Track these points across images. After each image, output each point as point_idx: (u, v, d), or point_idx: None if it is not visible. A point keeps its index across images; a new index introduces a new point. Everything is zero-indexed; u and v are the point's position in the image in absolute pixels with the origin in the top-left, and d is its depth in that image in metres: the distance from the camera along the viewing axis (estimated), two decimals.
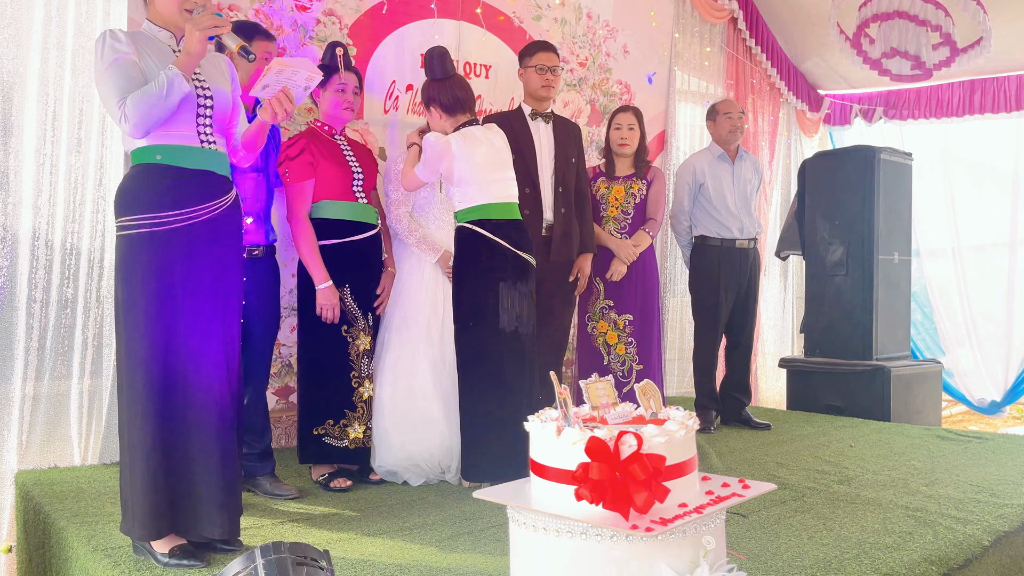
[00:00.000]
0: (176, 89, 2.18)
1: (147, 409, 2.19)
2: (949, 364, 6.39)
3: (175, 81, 2.17)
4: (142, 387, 2.19)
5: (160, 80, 2.16)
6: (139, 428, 2.19)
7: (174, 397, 2.22)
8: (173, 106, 2.19)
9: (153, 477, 2.19)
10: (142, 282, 2.20)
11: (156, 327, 2.20)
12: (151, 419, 2.19)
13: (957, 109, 6.25)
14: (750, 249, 4.45)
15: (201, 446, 2.24)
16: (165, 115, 2.19)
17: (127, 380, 2.22)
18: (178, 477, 2.23)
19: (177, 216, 2.22)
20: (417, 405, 3.17)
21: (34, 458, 3.19)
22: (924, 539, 2.43)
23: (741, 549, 2.32)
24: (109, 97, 2.19)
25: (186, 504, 2.24)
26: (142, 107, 2.15)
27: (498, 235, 3.07)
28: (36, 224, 3.18)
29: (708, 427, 4.32)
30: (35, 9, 3.14)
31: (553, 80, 3.71)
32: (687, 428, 1.76)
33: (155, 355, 2.20)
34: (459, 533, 2.53)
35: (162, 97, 2.16)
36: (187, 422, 2.23)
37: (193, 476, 2.24)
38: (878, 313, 5.10)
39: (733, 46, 5.91)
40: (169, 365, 2.22)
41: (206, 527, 2.25)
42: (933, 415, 5.26)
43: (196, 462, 2.24)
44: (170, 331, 2.21)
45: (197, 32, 2.19)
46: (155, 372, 2.20)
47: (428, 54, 3.16)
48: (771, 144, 6.28)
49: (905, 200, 5.37)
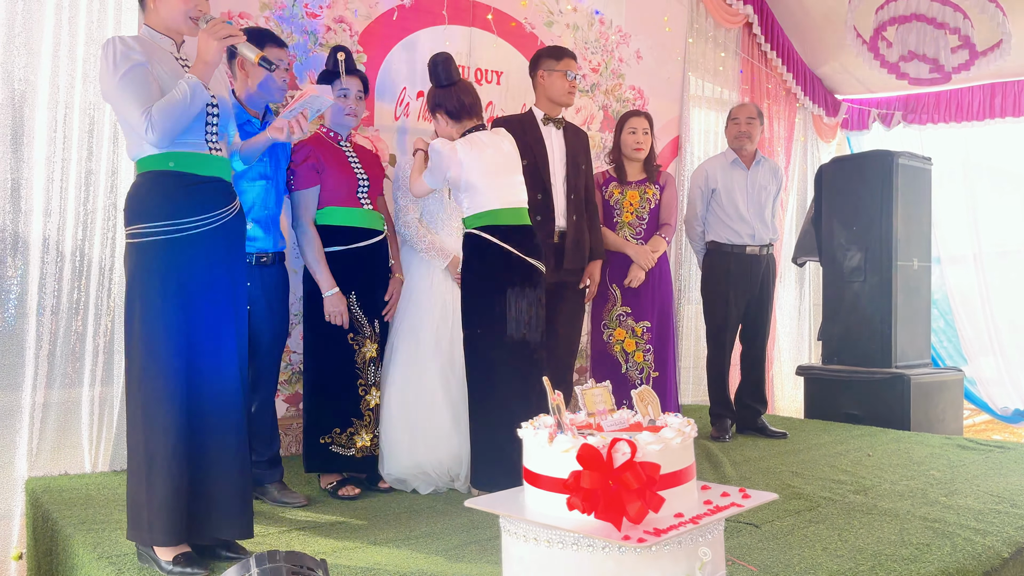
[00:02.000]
0: (198, 98, 2.18)
1: (171, 417, 2.18)
2: (972, 372, 6.28)
3: (196, 90, 2.17)
4: (165, 394, 2.18)
5: (182, 88, 2.16)
6: (161, 434, 2.17)
7: (195, 403, 2.22)
8: (194, 114, 2.20)
9: (176, 482, 2.18)
10: (160, 289, 2.19)
11: (177, 334, 2.19)
12: (174, 426, 2.18)
13: (978, 113, 6.15)
14: (763, 256, 4.39)
15: (220, 449, 2.25)
16: (187, 123, 2.19)
17: (146, 388, 2.20)
18: (199, 482, 2.22)
19: (195, 222, 2.22)
20: (426, 412, 3.14)
21: (45, 465, 3.20)
22: (942, 551, 2.37)
23: (753, 560, 2.27)
24: (130, 106, 2.15)
25: (205, 508, 2.24)
26: (170, 117, 2.14)
27: (507, 241, 3.04)
28: (47, 231, 3.19)
29: (723, 436, 4.26)
30: (46, 17, 3.16)
31: (575, 88, 3.71)
32: (684, 435, 1.72)
33: (178, 363, 2.19)
34: (466, 543, 2.50)
35: (187, 106, 2.16)
36: (207, 427, 2.23)
37: (213, 480, 2.24)
38: (897, 320, 5.02)
39: (748, 51, 5.87)
40: (192, 372, 2.21)
41: (224, 529, 2.26)
42: (954, 424, 5.16)
43: (215, 466, 2.24)
44: (189, 338, 2.21)
45: (215, 41, 2.19)
46: (179, 379, 2.19)
47: (432, 60, 3.15)
48: (787, 149, 6.22)
49: (924, 205, 5.30)
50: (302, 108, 2.39)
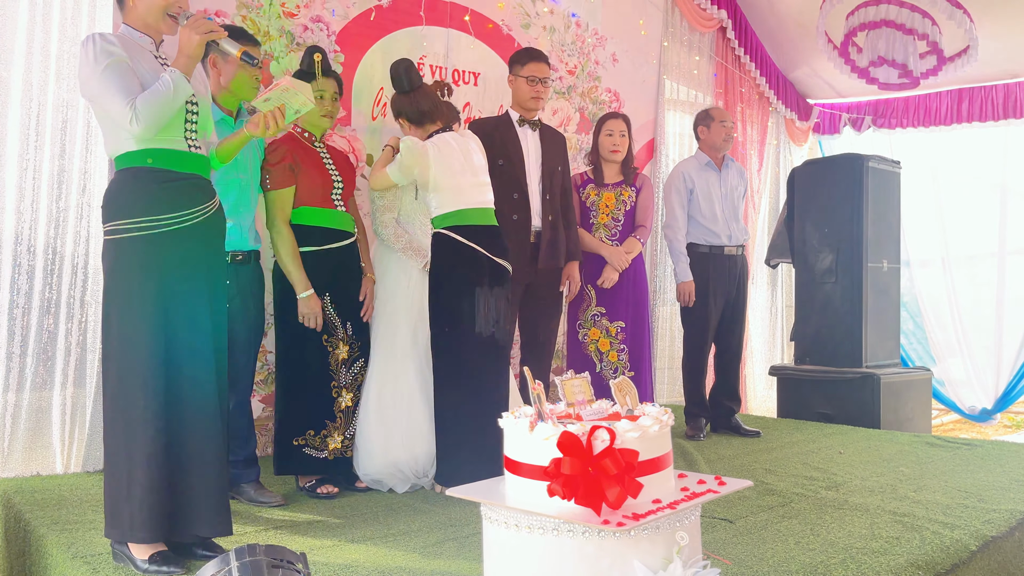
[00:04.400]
0: (181, 90, 2.18)
1: (149, 412, 2.17)
2: (940, 373, 6.38)
3: (179, 82, 2.17)
4: (143, 390, 2.17)
5: (166, 81, 2.16)
6: (140, 431, 2.17)
7: (173, 399, 2.21)
8: (178, 107, 2.19)
9: (156, 480, 2.17)
10: (139, 285, 2.18)
11: (155, 331, 2.18)
12: (153, 421, 2.17)
13: (945, 118, 6.26)
14: (738, 256, 4.45)
15: (200, 446, 2.24)
16: (171, 116, 2.18)
17: (125, 383, 2.19)
18: (179, 478, 2.22)
19: (173, 219, 2.21)
20: (403, 411, 3.13)
21: (16, 466, 3.16)
22: (911, 544, 2.42)
23: (727, 554, 2.31)
24: (113, 97, 2.13)
25: (184, 504, 2.23)
26: (154, 107, 2.14)
27: (474, 241, 3.06)
28: (19, 229, 3.16)
29: (698, 434, 4.31)
30: (20, 14, 3.13)
31: (543, 91, 3.72)
32: (661, 423, 1.75)
33: (155, 358, 2.18)
34: (444, 540, 2.51)
35: (171, 97, 2.16)
36: (185, 422, 2.23)
37: (192, 476, 2.23)
38: (867, 320, 5.10)
39: (722, 55, 5.93)
40: (169, 368, 2.21)
41: (204, 526, 2.25)
42: (923, 423, 5.25)
43: (194, 462, 2.24)
44: (168, 334, 2.20)
45: (196, 36, 2.19)
46: (156, 375, 2.18)
47: (394, 67, 3.18)
48: (760, 152, 6.30)
49: (894, 208, 5.38)
50: (279, 101, 2.36)
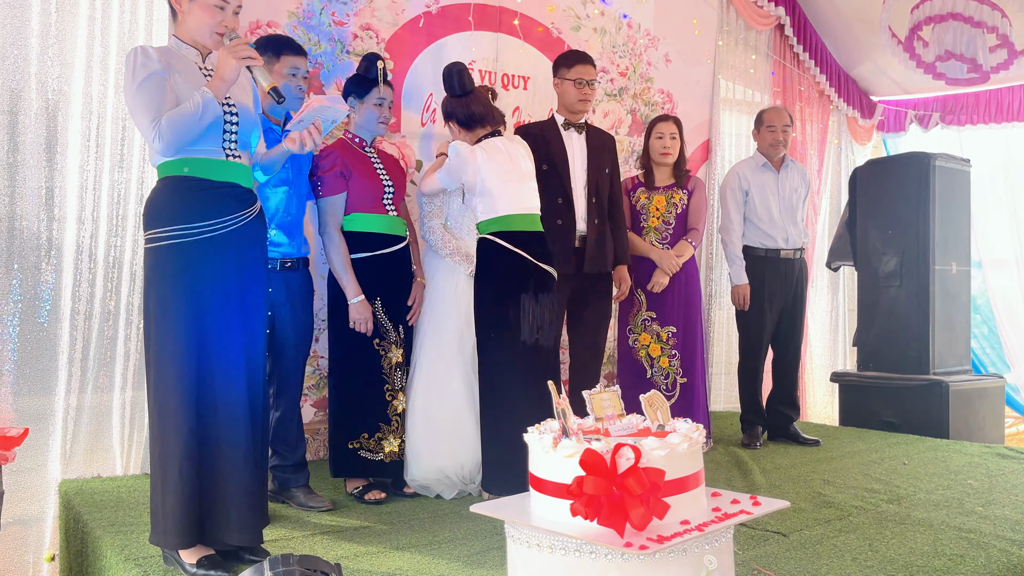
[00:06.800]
0: (209, 112, 2.21)
1: (181, 419, 2.20)
2: (1014, 379, 6.10)
3: (209, 104, 2.20)
4: (175, 397, 2.20)
5: (195, 101, 2.19)
6: (173, 438, 2.20)
7: (204, 407, 2.24)
8: (205, 127, 2.23)
9: (187, 486, 2.20)
10: (172, 293, 2.22)
11: (187, 338, 2.21)
12: (184, 429, 2.20)
13: (1018, 113, 5.99)
14: (796, 259, 4.32)
15: (229, 455, 2.25)
16: (197, 135, 2.23)
17: (159, 390, 2.23)
18: (208, 486, 2.24)
19: (204, 227, 2.24)
20: (449, 417, 3.13)
21: (77, 468, 3.26)
22: (976, 562, 2.30)
23: (778, 569, 2.23)
24: (141, 115, 2.20)
25: (215, 513, 2.25)
26: (178, 127, 2.18)
27: (520, 247, 3.04)
28: (80, 238, 3.26)
29: (754, 443, 4.20)
30: (79, 28, 3.23)
31: (590, 94, 3.67)
32: (691, 441, 1.68)
33: (188, 366, 2.21)
34: (488, 548, 2.48)
35: (196, 119, 2.19)
36: (217, 431, 2.25)
37: (221, 485, 2.25)
38: (935, 325, 4.91)
39: (780, 53, 5.79)
40: (200, 375, 2.23)
41: (232, 535, 2.26)
42: (995, 432, 5.02)
43: (224, 471, 2.25)
44: (200, 341, 2.23)
45: (234, 60, 2.22)
46: (188, 382, 2.21)
47: (446, 70, 3.18)
48: (820, 152, 6.12)
49: (963, 208, 5.17)
50: (312, 120, 2.37)
